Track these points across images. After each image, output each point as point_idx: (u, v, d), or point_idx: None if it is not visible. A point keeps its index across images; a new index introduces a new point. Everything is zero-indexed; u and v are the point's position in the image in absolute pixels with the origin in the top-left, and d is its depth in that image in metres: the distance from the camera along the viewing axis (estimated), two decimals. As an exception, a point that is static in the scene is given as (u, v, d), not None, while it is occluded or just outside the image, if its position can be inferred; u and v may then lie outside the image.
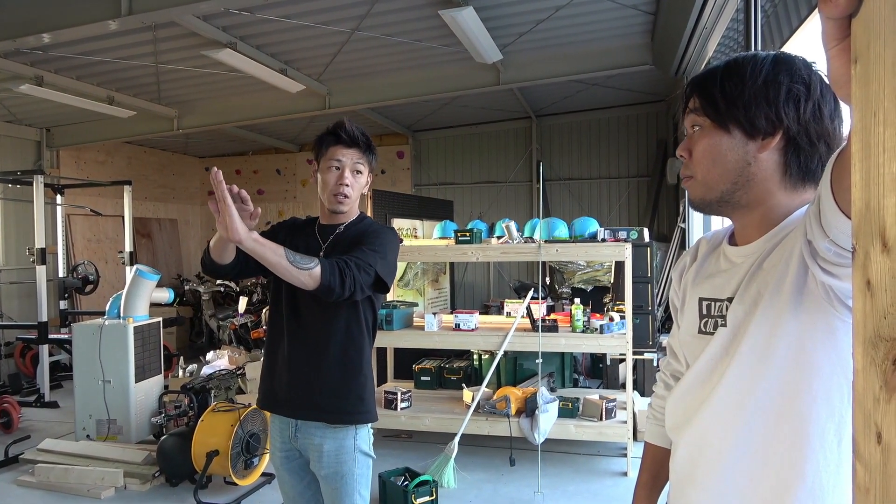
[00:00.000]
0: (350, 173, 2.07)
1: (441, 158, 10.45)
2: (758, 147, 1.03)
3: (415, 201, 8.26)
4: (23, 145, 8.30)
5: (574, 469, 4.48)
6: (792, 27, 4.67)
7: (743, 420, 1.03)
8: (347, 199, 2.08)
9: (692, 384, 1.12)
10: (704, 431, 1.09)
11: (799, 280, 0.94)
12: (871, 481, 0.53)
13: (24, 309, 7.75)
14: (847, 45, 0.58)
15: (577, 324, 4.46)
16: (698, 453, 1.10)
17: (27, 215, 7.08)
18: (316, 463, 2.06)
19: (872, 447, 0.52)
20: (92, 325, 5.12)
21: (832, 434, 0.97)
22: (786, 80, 1.01)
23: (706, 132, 1.06)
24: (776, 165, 1.04)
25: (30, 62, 5.91)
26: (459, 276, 9.08)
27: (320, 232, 2.16)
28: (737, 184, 1.05)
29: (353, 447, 2.06)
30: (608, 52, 6.43)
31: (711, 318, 1.11)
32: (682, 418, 1.14)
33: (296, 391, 2.07)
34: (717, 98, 1.03)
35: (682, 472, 1.15)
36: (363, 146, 2.09)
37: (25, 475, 4.43)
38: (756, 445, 1.02)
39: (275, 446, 2.16)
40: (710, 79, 1.06)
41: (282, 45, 5.94)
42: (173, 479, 4.24)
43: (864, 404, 0.53)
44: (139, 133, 8.37)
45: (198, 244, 11.57)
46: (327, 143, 2.09)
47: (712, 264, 1.17)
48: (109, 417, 4.95)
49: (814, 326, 0.95)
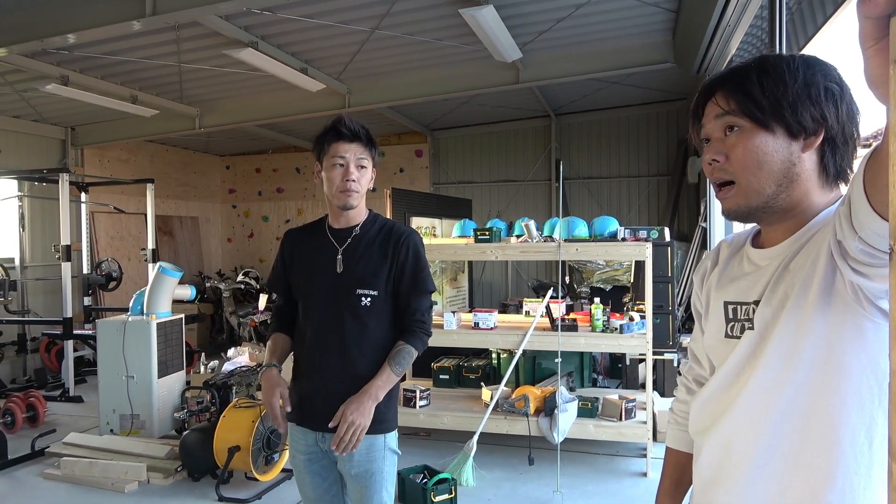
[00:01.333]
0: (355, 168, 2.04)
1: (460, 157, 10.44)
2: (801, 147, 1.01)
3: (433, 200, 8.26)
4: (48, 144, 8.44)
5: (593, 469, 4.46)
6: (817, 24, 4.61)
7: (771, 422, 1.02)
8: (356, 193, 2.06)
9: (718, 387, 1.11)
10: (731, 434, 1.08)
11: (827, 280, 0.94)
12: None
13: (49, 305, 7.89)
14: (885, 45, 0.58)
15: (597, 323, 4.44)
16: (725, 456, 1.09)
17: (52, 213, 7.21)
18: (346, 463, 2.05)
19: (910, 448, 0.52)
20: (116, 322, 5.20)
21: (863, 436, 0.96)
22: (823, 80, 1.00)
23: (747, 133, 1.02)
24: (814, 165, 1.03)
25: (55, 62, 6.00)
26: (478, 275, 9.08)
27: (334, 235, 2.13)
28: (781, 185, 1.02)
29: (384, 445, 2.07)
30: (628, 50, 6.38)
31: (738, 322, 1.10)
32: (707, 421, 1.13)
33: (326, 406, 2.02)
34: (759, 97, 1.01)
35: (707, 474, 1.14)
36: (365, 140, 2.06)
37: (51, 468, 4.51)
38: (784, 448, 1.01)
39: (296, 448, 2.14)
40: (746, 78, 1.03)
41: (302, 44, 5.97)
42: (195, 474, 4.29)
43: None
44: (161, 132, 8.47)
45: (218, 241, 11.70)
46: (329, 140, 2.06)
47: (735, 267, 1.15)
48: (133, 412, 5.03)
49: (842, 327, 0.94)
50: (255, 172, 11.54)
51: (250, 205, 11.60)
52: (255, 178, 11.56)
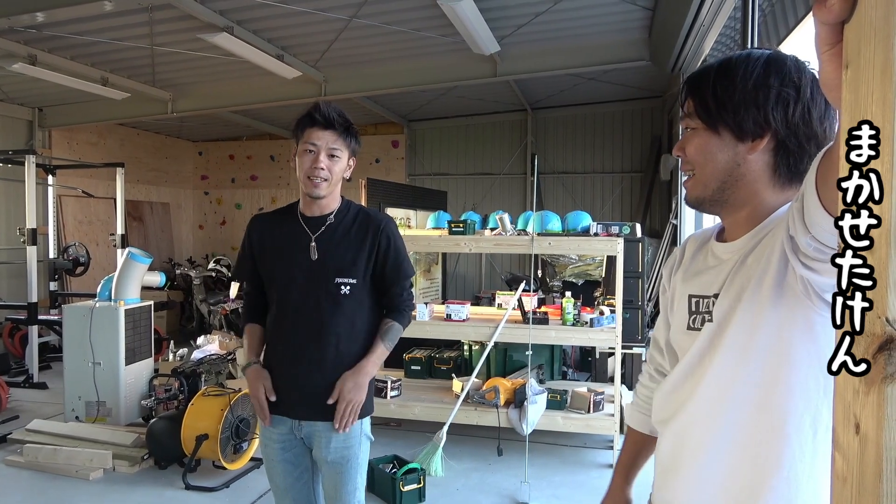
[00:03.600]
0: (325, 156, 2.00)
1: (436, 149, 10.44)
2: (747, 148, 1.05)
3: (409, 191, 8.25)
4: (14, 125, 8.23)
5: (561, 460, 4.52)
6: (789, 26, 4.69)
7: (724, 411, 1.06)
8: (325, 182, 2.01)
9: (679, 379, 1.15)
10: (688, 423, 1.12)
11: (779, 274, 0.97)
12: (849, 470, 0.55)
13: (14, 289, 7.71)
14: (839, 50, 0.60)
15: (568, 317, 4.49)
16: (681, 445, 1.13)
17: (18, 195, 7.04)
18: (323, 449, 2.06)
19: (851, 437, 0.54)
20: (83, 307, 5.11)
21: (808, 425, 1.00)
22: (776, 84, 1.03)
23: (698, 133, 1.09)
24: (765, 166, 1.06)
25: (23, 41, 5.85)
26: (451, 267, 9.10)
27: (307, 222, 2.09)
28: (726, 182, 1.07)
29: (360, 431, 2.09)
30: (605, 47, 6.43)
31: (699, 315, 1.13)
32: (668, 412, 1.17)
33: (305, 394, 2.04)
34: (708, 101, 1.06)
35: (666, 462, 1.18)
36: (340, 128, 2.01)
37: (14, 455, 4.43)
38: (735, 436, 1.05)
39: (269, 437, 2.12)
40: (704, 81, 1.08)
41: (279, 30, 5.91)
42: (162, 462, 4.25)
43: (844, 396, 0.56)
44: (133, 115, 8.31)
45: (190, 228, 11.54)
46: (303, 125, 2.02)
47: (700, 261, 1.19)
48: (99, 399, 4.96)
49: (793, 320, 0.98)
50: (229, 159, 11.39)
51: (223, 192, 11.45)
52: (228, 164, 11.41)
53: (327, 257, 2.05)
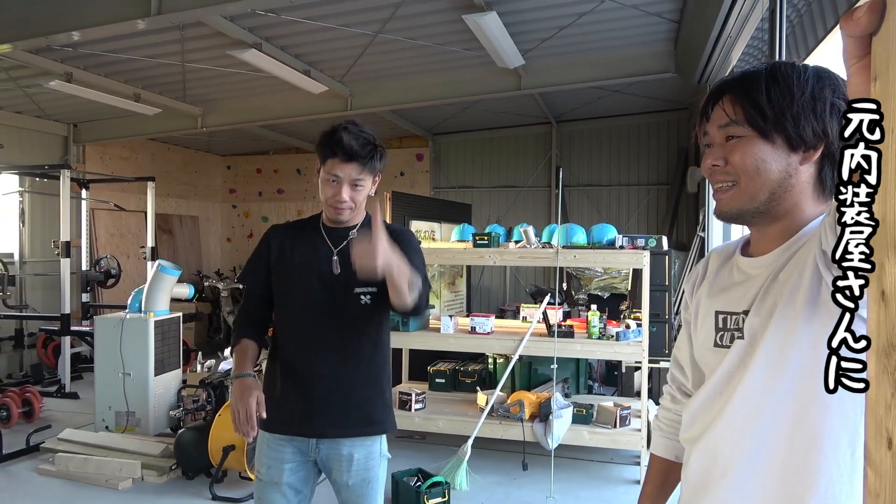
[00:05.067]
0: (348, 187, 1.93)
1: (460, 162, 10.47)
2: (800, 159, 1.02)
3: (433, 204, 8.28)
4: (50, 140, 8.46)
5: (587, 475, 4.47)
6: (817, 38, 4.63)
7: (756, 430, 1.03)
8: (347, 210, 1.97)
9: (708, 396, 1.12)
10: (718, 441, 1.09)
11: (813, 290, 0.95)
12: (881, 486, 0.54)
13: (48, 301, 7.89)
14: (867, 63, 0.60)
15: (594, 330, 4.45)
16: (711, 463, 1.10)
17: (53, 209, 7.22)
18: (344, 473, 1.98)
19: (883, 452, 0.54)
20: (114, 319, 5.21)
21: (845, 445, 0.97)
22: (830, 95, 1.01)
23: (748, 141, 1.03)
24: (810, 178, 1.04)
25: (59, 59, 6.03)
26: (476, 280, 9.09)
27: (329, 234, 2.04)
28: (775, 194, 1.03)
29: (380, 452, 2.03)
30: (630, 59, 6.41)
31: (728, 332, 1.11)
32: (697, 430, 1.14)
33: (327, 410, 1.97)
34: (764, 106, 1.01)
35: (694, 481, 1.15)
36: (363, 160, 1.92)
37: (46, 464, 4.51)
38: (769, 455, 1.02)
39: (275, 458, 2.00)
40: (754, 85, 1.03)
41: (306, 46, 6.00)
42: (189, 473, 4.30)
43: (876, 411, 0.55)
44: (163, 130, 8.49)
45: (218, 241, 11.70)
46: (325, 155, 1.94)
47: (726, 277, 1.16)
48: (128, 409, 5.03)
49: (826, 336, 0.96)
50: (256, 173, 11.55)
51: (250, 205, 11.61)
52: (255, 178, 11.58)
53: (350, 271, 1.88)
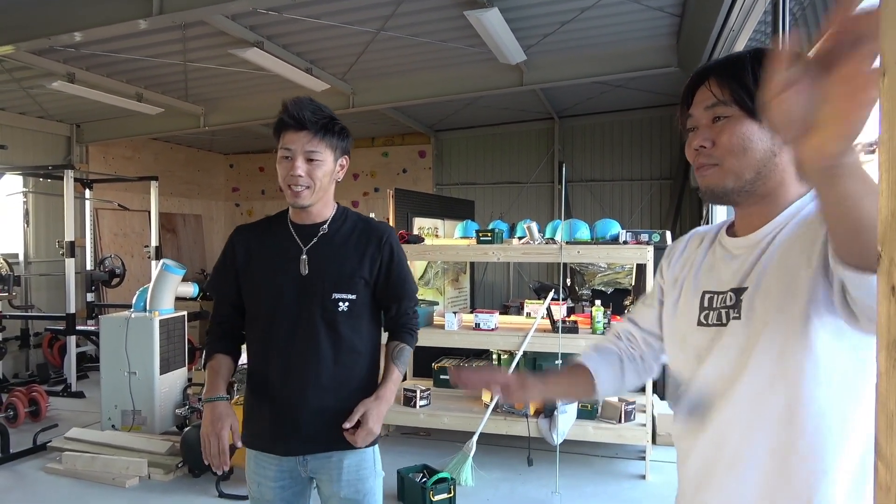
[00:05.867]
0: (302, 161, 1.76)
1: (463, 158, 10.46)
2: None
3: (436, 201, 8.29)
4: (53, 140, 8.48)
5: (592, 470, 4.47)
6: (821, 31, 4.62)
7: (762, 418, 1.02)
8: (306, 189, 1.78)
9: (707, 381, 1.10)
10: (723, 431, 1.07)
11: (815, 282, 0.94)
12: (892, 480, 0.54)
13: (53, 300, 7.92)
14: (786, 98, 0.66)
15: (598, 325, 4.46)
16: (715, 455, 1.08)
17: (57, 209, 7.24)
18: (335, 483, 1.85)
19: (894, 446, 0.54)
20: (119, 318, 5.23)
21: (859, 433, 0.96)
22: None
23: (736, 121, 1.05)
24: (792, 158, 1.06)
25: (62, 59, 6.03)
26: (479, 276, 9.09)
27: (297, 232, 1.88)
28: (760, 173, 1.05)
29: (373, 462, 1.90)
30: (633, 54, 6.40)
31: (714, 311, 1.10)
32: (696, 422, 1.12)
33: (308, 426, 1.82)
34: (751, 87, 1.03)
35: (696, 475, 1.13)
36: (315, 127, 1.75)
37: (53, 462, 4.53)
38: (775, 445, 1.01)
39: (264, 476, 1.88)
40: (740, 67, 1.05)
41: (308, 44, 6.00)
42: (196, 470, 4.32)
43: (886, 405, 0.55)
44: (166, 130, 8.50)
45: (221, 239, 11.71)
46: (278, 129, 1.79)
47: (711, 257, 1.17)
48: (134, 408, 5.05)
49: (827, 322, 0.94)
50: (259, 171, 11.57)
51: (253, 203, 11.63)
52: (258, 176, 11.59)
53: (322, 271, 1.84)
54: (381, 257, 1.89)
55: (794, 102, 0.65)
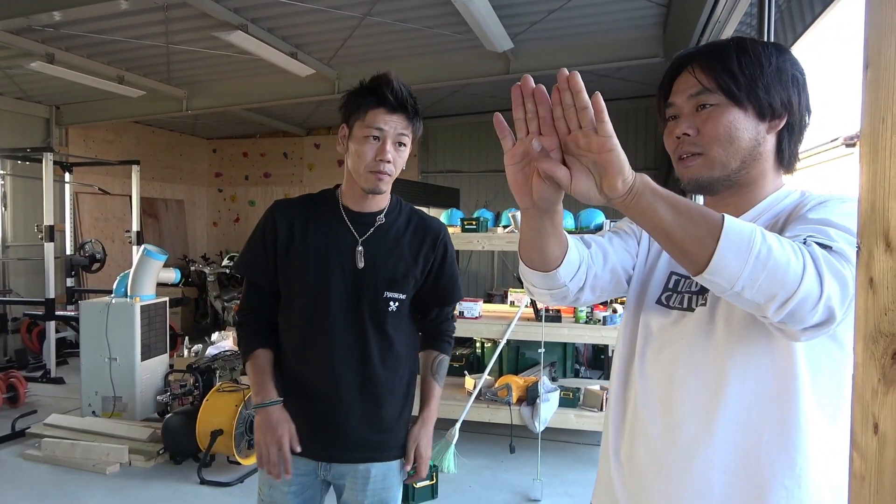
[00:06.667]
0: (392, 145, 1.62)
1: (448, 146, 10.43)
2: (766, 128, 1.04)
3: (421, 188, 8.27)
4: (32, 122, 8.32)
5: (574, 457, 4.52)
6: (805, 23, 4.64)
7: (724, 405, 1.00)
8: (388, 177, 1.64)
9: (668, 365, 1.08)
10: (681, 421, 1.04)
11: None
12: (867, 470, 0.55)
13: (32, 285, 7.81)
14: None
15: (581, 315, 4.48)
16: (670, 446, 1.05)
17: (36, 192, 7.12)
18: (359, 492, 1.72)
19: (869, 437, 0.54)
20: (99, 304, 5.17)
21: (825, 426, 0.97)
22: (791, 68, 1.04)
23: (722, 109, 1.03)
24: (773, 147, 1.07)
25: (41, 39, 5.91)
26: (464, 264, 9.10)
27: (352, 220, 1.71)
28: (745, 161, 1.05)
29: (398, 470, 1.78)
30: (619, 44, 6.40)
31: (678, 294, 1.10)
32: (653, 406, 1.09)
33: (344, 432, 1.70)
34: (737, 74, 1.02)
35: (643, 468, 1.09)
36: (410, 111, 1.65)
37: (32, 449, 4.49)
38: (740, 431, 0.99)
39: (277, 480, 1.71)
40: (725, 54, 1.04)
41: (293, 28, 5.93)
42: (177, 457, 4.30)
43: (862, 396, 0.56)
44: (148, 113, 8.38)
45: (204, 225, 11.61)
46: (366, 104, 1.63)
47: None
48: (115, 394, 5.01)
49: None
50: (243, 156, 11.44)
51: (237, 189, 11.52)
52: (242, 162, 11.47)
53: (376, 266, 1.69)
54: (435, 257, 1.77)
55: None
